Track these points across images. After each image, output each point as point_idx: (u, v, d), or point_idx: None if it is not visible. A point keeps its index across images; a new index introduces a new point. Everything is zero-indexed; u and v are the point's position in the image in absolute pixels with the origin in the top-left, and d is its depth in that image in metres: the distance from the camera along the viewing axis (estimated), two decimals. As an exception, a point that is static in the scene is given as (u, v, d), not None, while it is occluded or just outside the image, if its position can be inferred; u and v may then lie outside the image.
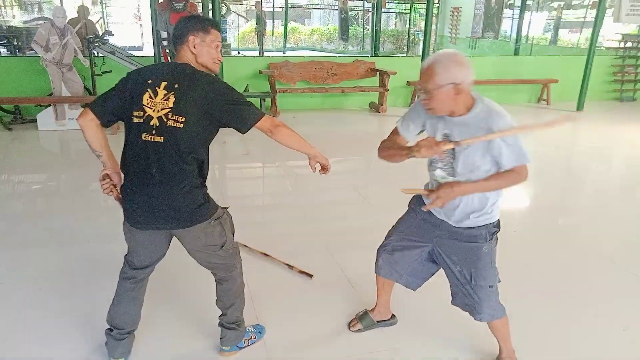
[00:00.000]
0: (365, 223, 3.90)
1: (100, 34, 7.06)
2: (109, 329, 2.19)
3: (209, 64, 1.96)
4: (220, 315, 2.26)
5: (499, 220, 2.08)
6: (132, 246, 2.11)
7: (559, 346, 2.43)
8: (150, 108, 1.84)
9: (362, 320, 2.51)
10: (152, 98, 1.84)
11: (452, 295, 2.20)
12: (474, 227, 2.03)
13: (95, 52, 6.81)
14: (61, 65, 6.18)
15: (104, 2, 15.01)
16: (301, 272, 3.04)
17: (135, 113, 1.86)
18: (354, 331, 2.49)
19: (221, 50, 2.02)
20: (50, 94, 6.41)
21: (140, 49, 16.29)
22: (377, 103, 8.18)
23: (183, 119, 1.83)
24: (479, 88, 2.03)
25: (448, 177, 1.98)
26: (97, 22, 9.57)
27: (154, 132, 1.84)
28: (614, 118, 8.43)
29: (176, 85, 1.84)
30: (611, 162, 6.18)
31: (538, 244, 3.57)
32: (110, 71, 6.96)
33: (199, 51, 1.93)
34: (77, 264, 3.09)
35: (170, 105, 1.83)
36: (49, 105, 6.42)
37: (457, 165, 1.93)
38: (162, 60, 6.55)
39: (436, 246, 2.14)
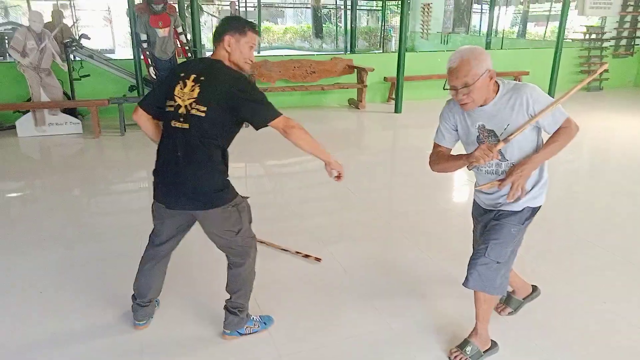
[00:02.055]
0: (354, 215, 4.03)
1: (77, 37, 6.99)
2: (134, 296, 2.44)
3: (240, 63, 2.12)
4: (227, 299, 2.39)
5: (537, 208, 2.18)
6: (157, 224, 2.30)
7: (542, 322, 2.59)
8: (180, 98, 2.04)
9: (510, 304, 2.60)
10: (181, 89, 2.05)
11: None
12: (516, 210, 2.14)
13: (73, 56, 6.77)
14: (39, 70, 6.13)
15: (73, 5, 14.75)
16: (307, 256, 3.22)
17: (169, 103, 2.07)
18: (504, 315, 2.58)
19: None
20: (29, 100, 6.35)
21: (112, 51, 16.08)
22: (356, 99, 8.33)
23: (205, 109, 2.00)
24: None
25: (502, 162, 2.09)
26: (72, 26, 9.43)
27: (181, 119, 2.02)
28: (583, 107, 8.77)
29: (202, 78, 2.03)
30: (582, 149, 6.46)
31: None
32: (89, 75, 6.95)
33: (233, 50, 2.09)
34: (75, 265, 3.13)
35: (195, 95, 2.01)
36: (28, 111, 6.35)
37: (505, 149, 2.05)
38: (143, 63, 6.54)
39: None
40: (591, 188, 4.84)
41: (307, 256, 3.21)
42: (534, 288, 2.67)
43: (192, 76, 2.04)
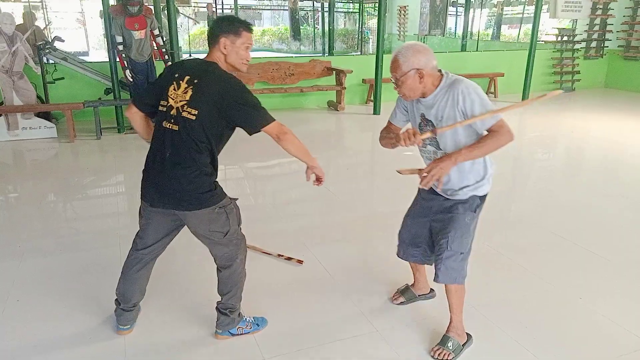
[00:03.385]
0: (337, 216, 4.05)
1: (50, 40, 6.85)
2: (117, 301, 2.39)
3: (236, 64, 2.11)
4: (218, 301, 2.39)
5: (484, 196, 2.29)
6: (142, 225, 2.27)
7: (517, 318, 2.65)
8: (172, 99, 2.03)
9: (404, 293, 2.73)
10: (175, 90, 2.03)
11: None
12: (463, 199, 2.24)
13: (46, 59, 6.63)
14: (11, 74, 5.98)
15: (45, 7, 14.42)
16: (289, 258, 3.21)
17: (162, 102, 2.06)
18: (396, 304, 2.70)
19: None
20: (1, 103, 6.19)
21: (86, 54, 15.78)
22: (335, 101, 8.36)
23: (196, 112, 1.99)
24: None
25: (437, 150, 2.21)
26: (45, 28, 9.24)
27: (172, 120, 2.02)
28: (556, 108, 8.99)
29: (196, 81, 2.01)
30: (557, 148, 6.62)
31: (493, 227, 3.82)
32: (63, 78, 6.82)
33: (229, 52, 2.08)
34: (54, 272, 3.07)
35: (187, 98, 2.00)
36: (0, 115, 6.19)
37: (440, 140, 2.17)
38: (119, 65, 6.45)
39: (431, 221, 2.39)
40: (567, 186, 4.95)
41: (289, 258, 3.21)
42: (431, 290, 2.78)
43: (186, 77, 2.03)
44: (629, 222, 3.94)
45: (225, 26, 2.07)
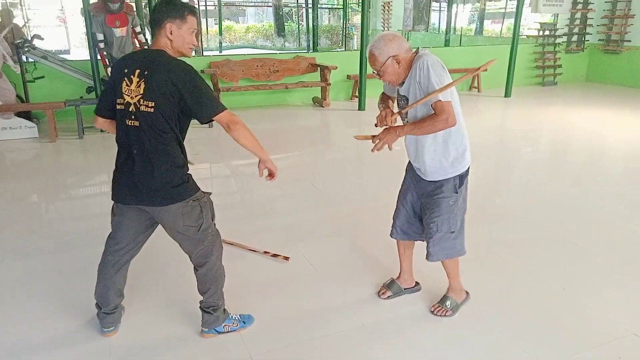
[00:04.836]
0: (323, 212, 4.05)
1: (29, 38, 6.73)
2: (97, 304, 2.38)
3: (183, 50, 2.07)
4: (201, 300, 2.38)
5: (463, 174, 2.38)
6: (115, 224, 2.24)
7: (503, 311, 2.68)
8: (128, 95, 1.99)
9: (390, 288, 2.76)
10: (128, 86, 1.99)
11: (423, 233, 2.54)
12: (441, 180, 2.37)
13: (26, 58, 6.51)
14: (-11, 73, 5.87)
15: (24, 4, 14.15)
16: (275, 255, 3.21)
17: (118, 101, 2.01)
18: (383, 299, 2.73)
19: (196, 35, 2.12)
20: (-21, 104, 6.06)
21: (67, 52, 15.53)
22: (320, 97, 8.35)
23: (152, 104, 1.96)
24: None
25: (405, 119, 2.39)
26: (23, 26, 9.07)
27: (132, 117, 1.99)
28: (539, 101, 9.09)
29: (146, 72, 1.97)
30: (541, 141, 6.69)
31: (479, 221, 3.85)
32: (43, 77, 6.71)
33: (175, 37, 2.03)
34: (37, 275, 3.02)
35: (142, 91, 1.96)
36: (-22, 116, 6.07)
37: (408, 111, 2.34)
38: (100, 63, 6.36)
39: (420, 200, 2.51)
40: (553, 180, 5.01)
41: (275, 255, 3.21)
42: (417, 283, 2.83)
43: (137, 71, 1.98)
44: (614, 215, 4.00)
45: (171, 11, 2.00)
